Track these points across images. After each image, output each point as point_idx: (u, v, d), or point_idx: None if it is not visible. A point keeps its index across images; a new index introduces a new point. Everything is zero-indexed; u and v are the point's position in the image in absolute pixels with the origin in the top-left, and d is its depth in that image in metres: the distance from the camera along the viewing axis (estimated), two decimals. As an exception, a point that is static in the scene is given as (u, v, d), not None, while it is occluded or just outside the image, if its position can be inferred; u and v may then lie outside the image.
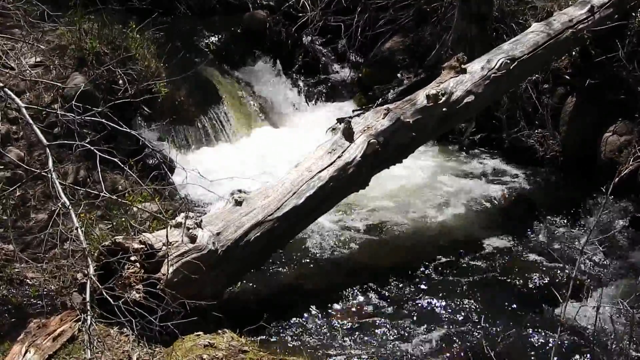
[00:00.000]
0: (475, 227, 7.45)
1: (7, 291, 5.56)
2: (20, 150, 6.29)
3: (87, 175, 6.52)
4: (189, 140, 8.73)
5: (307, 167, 6.02)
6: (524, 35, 7.84)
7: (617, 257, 6.77)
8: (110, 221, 6.02)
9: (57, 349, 4.48)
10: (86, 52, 7.11)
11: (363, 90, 10.39)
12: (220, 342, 4.74)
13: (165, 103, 7.96)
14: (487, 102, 7.75)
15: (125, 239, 5.02)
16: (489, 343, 5.13)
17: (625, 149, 7.76)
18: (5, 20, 6.98)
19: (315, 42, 10.94)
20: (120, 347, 4.59)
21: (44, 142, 4.59)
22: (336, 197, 6.27)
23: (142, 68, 7.42)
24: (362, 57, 10.71)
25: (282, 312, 5.70)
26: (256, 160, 8.40)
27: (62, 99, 6.60)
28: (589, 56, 8.38)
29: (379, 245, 7.04)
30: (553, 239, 7.13)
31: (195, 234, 5.08)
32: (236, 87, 9.90)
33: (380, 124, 6.41)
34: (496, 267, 6.62)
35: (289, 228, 5.84)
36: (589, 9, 8.10)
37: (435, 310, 5.97)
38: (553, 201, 7.90)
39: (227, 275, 5.43)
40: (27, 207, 6.13)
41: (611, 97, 8.16)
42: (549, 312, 5.92)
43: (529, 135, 8.90)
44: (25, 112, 4.72)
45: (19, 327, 4.84)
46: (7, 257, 5.69)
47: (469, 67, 7.18)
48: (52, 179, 4.36)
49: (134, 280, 4.80)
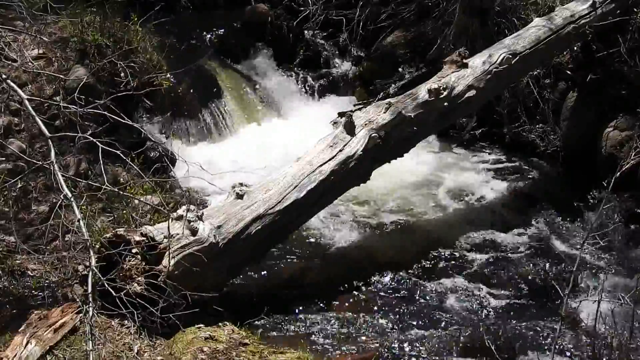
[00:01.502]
0: (475, 221, 7.45)
1: (8, 283, 5.57)
2: (22, 142, 6.28)
3: (89, 167, 6.53)
4: (190, 133, 8.73)
5: (308, 160, 6.02)
6: (526, 30, 7.84)
7: (617, 252, 6.77)
8: (112, 213, 6.04)
9: (58, 341, 4.49)
10: (88, 45, 7.11)
11: (364, 85, 10.37)
12: (221, 335, 4.75)
13: (167, 96, 7.95)
14: (489, 96, 7.75)
15: (127, 231, 5.04)
16: (490, 337, 5.14)
17: (626, 144, 7.74)
18: (8, 12, 6.99)
19: (317, 36, 10.90)
20: (121, 338, 4.61)
21: (46, 134, 4.59)
22: (337, 190, 6.28)
23: (143, 61, 7.41)
24: (363, 51, 10.68)
25: (283, 305, 5.71)
26: (257, 154, 8.38)
27: (64, 92, 6.59)
28: (590, 51, 8.36)
29: (379, 239, 7.05)
30: (553, 234, 7.14)
31: (197, 227, 5.09)
32: (237, 80, 9.88)
33: (381, 118, 6.42)
34: (496, 262, 6.63)
35: (290, 221, 5.85)
36: (591, 4, 8.09)
37: (436, 305, 5.98)
38: (554, 196, 7.90)
39: (228, 268, 5.44)
40: (28, 199, 6.13)
41: (612, 92, 8.14)
42: (550, 307, 5.93)
43: (530, 130, 8.88)
44: (28, 104, 4.71)
45: (20, 318, 4.84)
46: (8, 249, 5.70)
47: (471, 62, 7.18)
48: (54, 171, 4.36)
49: (135, 272, 4.82)
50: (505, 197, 7.99)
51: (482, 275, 6.40)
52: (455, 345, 5.40)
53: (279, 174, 5.91)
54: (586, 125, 8.36)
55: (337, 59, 10.85)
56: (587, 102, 8.41)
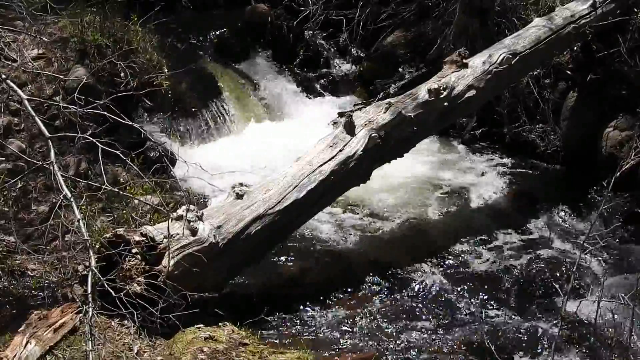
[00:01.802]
0: (475, 221, 7.45)
1: (8, 283, 5.58)
2: (22, 142, 6.28)
3: (89, 167, 6.52)
4: (190, 133, 8.73)
5: (308, 160, 6.02)
6: (526, 30, 7.85)
7: (617, 252, 6.78)
8: (112, 213, 6.03)
9: (58, 341, 4.48)
10: (88, 45, 7.10)
11: (364, 85, 10.38)
12: (220, 335, 4.75)
13: (167, 96, 7.95)
14: (489, 96, 7.76)
15: (127, 231, 5.03)
16: (490, 337, 5.15)
17: (626, 143, 7.75)
18: (8, 12, 6.99)
19: (317, 36, 10.92)
20: (121, 338, 4.60)
21: (45, 134, 4.59)
22: (337, 190, 6.28)
23: (143, 61, 7.40)
24: (363, 52, 10.70)
25: (283, 305, 5.71)
26: (257, 154, 8.39)
27: (63, 92, 6.59)
28: (590, 51, 8.37)
29: (379, 239, 7.04)
30: (554, 234, 7.13)
31: (197, 227, 5.09)
32: (237, 80, 9.89)
33: (381, 117, 6.41)
34: (496, 262, 6.63)
35: (290, 221, 5.85)
36: (591, 4, 8.10)
37: (436, 304, 5.97)
38: (554, 196, 7.89)
39: (228, 268, 5.44)
40: (28, 199, 6.13)
41: (612, 92, 8.15)
42: (550, 306, 5.92)
43: (530, 130, 8.89)
44: (28, 104, 4.72)
45: (20, 318, 4.83)
46: (8, 249, 5.70)
47: (471, 62, 7.18)
48: (54, 171, 4.36)
49: (135, 272, 4.82)
50: (505, 197, 7.99)
51: (482, 276, 6.39)
52: (455, 346, 5.40)
53: (278, 174, 5.91)
54: (586, 125, 8.36)
55: (337, 59, 10.87)
56: (587, 102, 8.42)
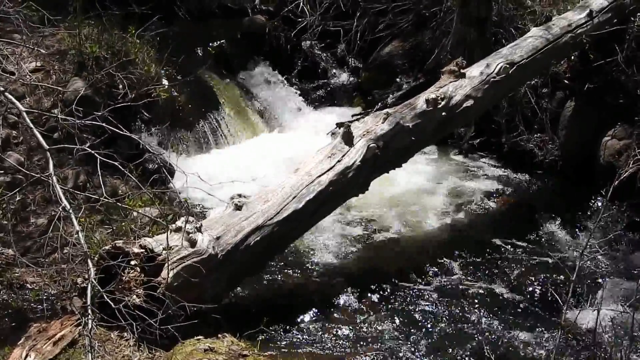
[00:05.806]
0: (474, 231, 7.45)
1: (7, 295, 5.57)
2: (20, 155, 6.29)
3: (87, 179, 6.53)
4: (188, 144, 8.74)
5: (306, 171, 6.02)
6: (523, 39, 7.86)
7: (616, 261, 6.78)
8: (111, 225, 6.02)
9: (57, 353, 4.47)
10: (86, 57, 7.12)
11: (362, 95, 10.41)
12: (220, 346, 4.74)
13: (165, 107, 7.97)
14: (486, 106, 7.75)
15: (126, 243, 5.02)
16: (490, 346, 5.13)
17: (624, 152, 7.76)
18: (5, 24, 7.00)
19: (315, 47, 10.93)
20: (120, 351, 4.59)
21: (44, 146, 4.59)
22: (336, 201, 6.27)
23: (141, 72, 7.43)
24: (361, 62, 10.72)
25: (282, 316, 5.69)
26: (255, 164, 8.39)
27: (62, 104, 6.61)
28: (588, 60, 8.39)
29: (378, 249, 7.04)
30: (553, 243, 7.14)
31: (195, 238, 5.08)
32: (236, 91, 9.90)
33: (379, 128, 6.42)
34: (496, 271, 6.62)
35: (289, 232, 5.84)
36: (587, 13, 8.12)
37: (435, 314, 5.97)
38: (552, 205, 7.89)
39: (227, 279, 5.42)
40: (27, 211, 6.13)
41: (610, 101, 8.17)
42: (549, 316, 5.92)
43: (528, 139, 8.89)
44: (26, 117, 4.73)
45: (19, 331, 4.83)
46: (7, 262, 5.70)
47: (468, 72, 7.19)
48: (53, 183, 4.36)
49: (134, 284, 4.80)
50: (504, 206, 7.99)
51: (481, 285, 6.39)
52: (455, 356, 5.40)
53: (277, 184, 5.91)
54: (584, 135, 8.38)
55: (335, 70, 10.89)
56: (585, 111, 8.43)
